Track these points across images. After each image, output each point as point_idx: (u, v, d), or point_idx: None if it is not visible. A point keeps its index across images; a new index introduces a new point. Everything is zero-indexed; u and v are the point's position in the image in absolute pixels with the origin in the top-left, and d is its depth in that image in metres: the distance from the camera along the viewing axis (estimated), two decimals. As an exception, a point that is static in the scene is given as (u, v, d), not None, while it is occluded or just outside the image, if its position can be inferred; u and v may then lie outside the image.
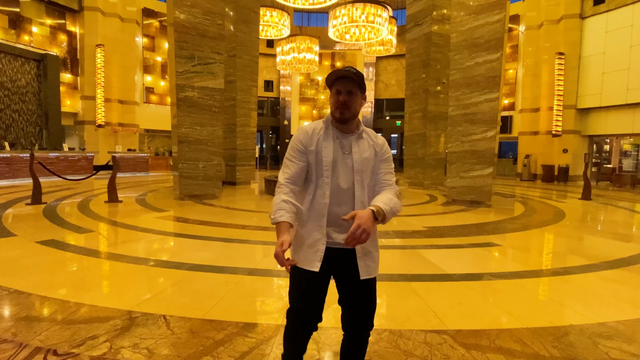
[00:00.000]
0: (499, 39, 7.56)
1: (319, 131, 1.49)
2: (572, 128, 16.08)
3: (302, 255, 1.45)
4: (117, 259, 3.71)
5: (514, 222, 6.31)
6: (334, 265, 1.45)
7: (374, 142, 1.52)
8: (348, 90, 1.43)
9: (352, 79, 1.42)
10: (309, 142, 1.47)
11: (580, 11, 15.72)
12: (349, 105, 1.43)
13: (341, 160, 1.45)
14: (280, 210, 1.36)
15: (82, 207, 6.91)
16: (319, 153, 1.45)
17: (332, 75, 1.44)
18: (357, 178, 1.44)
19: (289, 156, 1.49)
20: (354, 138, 1.49)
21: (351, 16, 13.22)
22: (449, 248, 4.42)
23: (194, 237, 4.68)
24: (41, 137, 15.49)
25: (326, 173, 1.43)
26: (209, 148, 8.14)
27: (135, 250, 4.14)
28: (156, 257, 3.84)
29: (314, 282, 1.44)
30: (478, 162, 7.83)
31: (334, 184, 1.43)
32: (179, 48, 7.67)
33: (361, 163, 1.45)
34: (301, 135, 1.49)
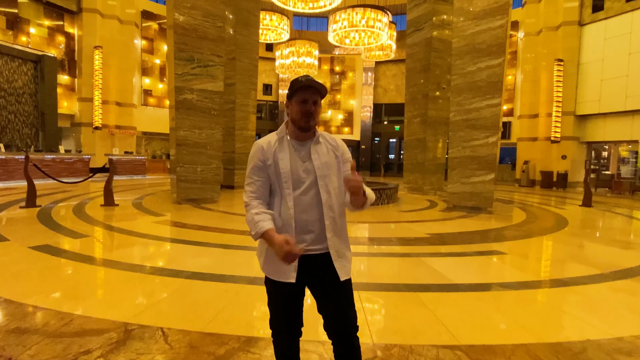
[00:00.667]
0: (501, 45, 7.52)
1: (274, 143, 1.48)
2: (571, 134, 16.10)
3: (275, 268, 1.45)
4: (112, 266, 3.58)
5: (517, 229, 6.23)
6: (308, 273, 1.45)
7: (332, 146, 1.53)
8: (314, 100, 1.45)
9: (317, 89, 1.44)
10: (266, 157, 1.46)
11: (579, 18, 15.79)
12: (315, 114, 1.46)
13: (301, 168, 1.45)
14: (258, 223, 1.36)
15: (77, 210, 6.76)
16: (277, 165, 1.44)
17: (296, 83, 1.45)
18: (320, 183, 1.44)
19: (249, 174, 1.49)
20: (311, 144, 1.49)
21: (351, 21, 13.21)
22: (453, 256, 4.32)
23: (191, 243, 4.56)
24: (37, 138, 15.31)
25: (286, 184, 1.43)
26: (207, 151, 8.03)
27: (131, 256, 4.01)
28: (153, 263, 3.72)
29: (290, 292, 1.46)
30: (479, 167, 7.76)
31: (297, 193, 1.43)
32: (178, 50, 7.57)
33: (322, 168, 1.46)
34: (257, 152, 1.48)
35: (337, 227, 1.47)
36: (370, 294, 3.05)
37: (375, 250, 4.50)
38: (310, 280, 1.48)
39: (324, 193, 1.44)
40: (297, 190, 1.43)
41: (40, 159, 12.70)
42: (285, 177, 1.43)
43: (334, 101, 24.50)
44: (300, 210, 1.42)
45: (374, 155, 24.64)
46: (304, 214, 1.43)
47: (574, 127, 16.13)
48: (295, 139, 1.50)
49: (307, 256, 1.43)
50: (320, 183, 1.44)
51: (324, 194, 1.44)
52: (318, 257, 1.45)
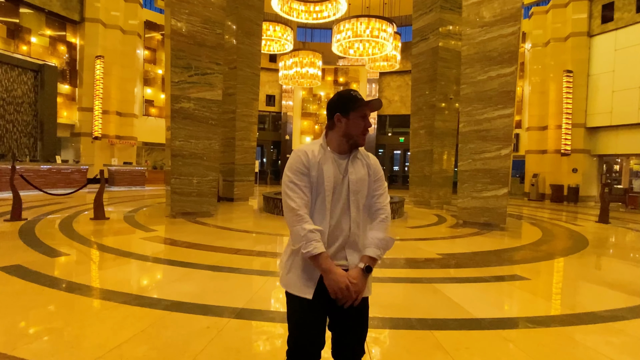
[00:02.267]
0: (513, 52, 7.15)
1: (318, 154, 1.45)
2: (582, 147, 15.63)
3: (295, 281, 1.42)
4: (82, 292, 3.15)
5: (535, 249, 5.74)
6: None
7: (367, 162, 1.52)
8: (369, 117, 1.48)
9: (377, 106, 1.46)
10: (311, 166, 1.42)
11: (588, 29, 15.47)
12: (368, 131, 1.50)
13: (340, 182, 1.44)
14: (311, 242, 1.33)
15: (63, 225, 6.36)
16: (320, 176, 1.42)
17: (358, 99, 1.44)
18: (352, 199, 1.43)
19: (294, 179, 1.41)
20: (349, 159, 1.47)
21: (355, 31, 12.93)
22: (470, 282, 3.85)
23: (178, 264, 4.12)
24: (35, 148, 15.07)
25: (328, 198, 1.40)
26: (204, 162, 7.64)
27: (107, 280, 3.58)
28: (129, 290, 3.28)
29: (310, 308, 1.40)
30: (491, 181, 7.31)
31: (333, 208, 1.42)
32: (175, 57, 7.26)
33: (357, 184, 1.44)
34: (302, 157, 1.43)
35: (360, 245, 1.45)
36: (378, 332, 2.59)
37: (381, 274, 4.04)
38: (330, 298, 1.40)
39: (354, 209, 1.43)
40: (334, 202, 1.42)
41: (36, 169, 12.40)
42: (329, 189, 1.40)
43: (338, 112, 24.20)
44: (333, 223, 1.41)
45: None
46: (335, 227, 1.41)
47: (585, 139, 15.66)
48: (337, 152, 1.48)
49: None
50: (352, 198, 1.43)
51: (354, 210, 1.43)
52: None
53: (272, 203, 8.88)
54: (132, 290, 3.26)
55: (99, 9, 16.01)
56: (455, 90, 11.14)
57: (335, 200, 1.42)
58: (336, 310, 1.42)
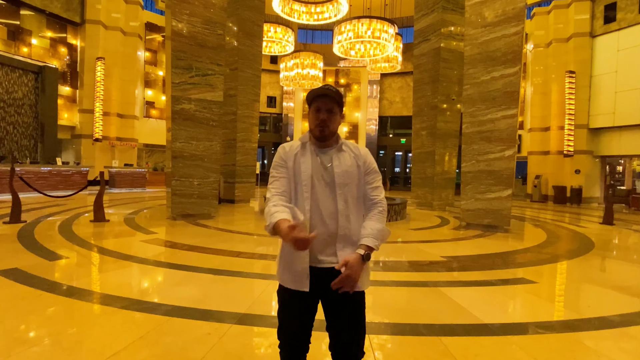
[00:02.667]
0: (517, 52, 7.08)
1: (296, 148, 1.47)
2: (584, 148, 15.53)
3: (288, 276, 1.42)
4: (81, 297, 3.08)
5: (540, 251, 5.65)
6: (321, 285, 1.37)
7: (355, 154, 1.48)
8: (328, 108, 1.42)
9: (332, 97, 1.42)
10: (288, 158, 1.45)
11: (590, 30, 15.40)
12: (329, 123, 1.42)
13: (321, 175, 1.41)
14: (274, 214, 1.29)
15: (63, 227, 6.30)
16: (297, 168, 1.42)
17: (312, 92, 1.44)
18: (338, 192, 1.39)
19: (273, 173, 1.46)
20: (333, 151, 1.45)
21: (357, 32, 12.87)
22: (476, 285, 3.77)
23: (178, 267, 4.05)
24: (36, 150, 15.03)
25: (305, 188, 1.38)
26: (205, 164, 7.58)
27: (106, 284, 3.51)
28: (129, 294, 3.21)
29: (302, 302, 1.41)
30: (495, 183, 7.23)
31: (314, 200, 1.38)
32: (176, 58, 7.21)
33: (342, 176, 1.40)
34: (280, 152, 1.48)
35: (351, 238, 1.40)
36: (383, 339, 2.52)
37: (385, 277, 3.97)
38: (322, 294, 1.41)
39: (342, 203, 1.39)
40: (315, 197, 1.39)
41: (37, 171, 12.35)
42: (305, 181, 1.39)
43: (339, 114, 24.14)
44: (316, 216, 1.38)
45: (380, 169, 24.10)
46: (318, 220, 1.38)
47: (588, 140, 15.57)
48: (317, 146, 1.47)
49: (320, 269, 1.38)
50: (339, 192, 1.39)
51: (342, 203, 1.38)
52: (331, 271, 1.35)
53: (274, 205, 8.80)
54: (131, 295, 3.19)
55: (99, 10, 16.00)
56: (458, 91, 11.07)
57: (319, 192, 1.39)
58: (330, 306, 1.41)
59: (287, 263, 1.41)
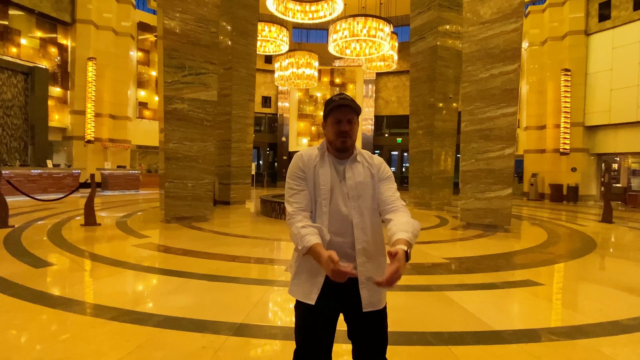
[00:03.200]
0: (516, 49, 6.99)
1: (315, 158, 1.42)
2: (580, 146, 15.52)
3: (299, 287, 1.39)
4: (67, 308, 2.90)
5: (542, 251, 5.55)
6: (338, 298, 1.36)
7: (369, 164, 1.45)
8: (348, 119, 1.39)
9: (352, 107, 1.38)
10: (307, 168, 1.40)
11: (585, 28, 15.41)
12: (351, 134, 1.40)
13: (338, 187, 1.38)
14: (305, 237, 1.25)
15: (52, 232, 6.09)
16: (317, 180, 1.38)
17: (331, 103, 1.39)
18: (352, 205, 1.36)
19: (292, 184, 1.40)
20: (347, 163, 1.42)
21: (352, 30, 12.73)
22: (482, 289, 3.64)
23: (172, 274, 3.88)
24: (26, 153, 14.71)
25: (324, 202, 1.36)
26: (199, 165, 7.40)
27: (94, 293, 3.33)
28: (119, 304, 3.03)
29: (317, 317, 1.35)
30: (495, 182, 7.13)
31: (332, 213, 1.36)
32: (168, 57, 7.02)
33: (356, 188, 1.38)
34: (299, 162, 1.42)
35: (371, 252, 1.37)
36: (390, 349, 2.37)
37: (388, 280, 3.82)
38: (341, 305, 1.38)
39: (357, 215, 1.36)
40: (334, 209, 1.36)
41: (27, 173, 12.08)
42: (325, 194, 1.36)
43: (334, 114, 23.98)
44: (334, 231, 1.35)
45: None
46: (337, 236, 1.35)
47: (584, 138, 15.56)
48: (335, 156, 1.44)
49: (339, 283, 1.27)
50: (353, 204, 1.37)
51: (357, 216, 1.36)
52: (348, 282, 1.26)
53: (270, 206, 8.64)
54: (121, 305, 3.01)
55: (90, 10, 15.71)
56: (455, 89, 10.98)
57: (335, 205, 1.36)
58: (351, 318, 1.39)
59: (302, 274, 1.38)
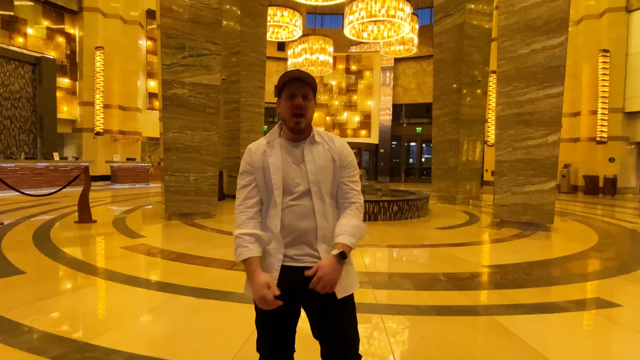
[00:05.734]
0: (563, 20, 6.01)
1: (264, 147, 1.29)
2: (619, 134, 14.23)
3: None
4: (7, 338, 2.25)
5: (600, 256, 4.66)
6: (299, 289, 1.20)
7: (330, 147, 1.30)
8: (303, 94, 1.23)
9: (305, 81, 1.24)
10: (255, 160, 1.27)
11: (626, 4, 14.00)
12: (305, 111, 1.24)
13: (293, 172, 1.24)
14: (240, 247, 1.18)
15: (41, 231, 5.54)
16: (266, 169, 1.25)
17: (283, 77, 1.26)
18: (314, 189, 1.23)
19: (239, 180, 1.31)
20: (305, 145, 1.28)
21: (369, 10, 11.82)
22: (542, 312, 2.83)
23: (156, 287, 3.22)
24: (35, 145, 14.45)
25: (277, 191, 1.23)
26: (202, 156, 6.74)
27: (50, 316, 2.68)
28: (73, 333, 2.37)
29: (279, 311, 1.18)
30: (536, 173, 6.22)
31: (288, 200, 1.23)
32: (166, 36, 6.33)
33: (316, 172, 1.24)
34: (246, 156, 1.31)
35: (331, 239, 1.24)
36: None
37: (416, 298, 3.06)
38: (303, 299, 1.24)
39: (318, 201, 1.24)
40: (288, 197, 1.23)
41: (32, 167, 11.74)
42: (277, 183, 1.23)
43: (350, 102, 23.08)
44: (292, 219, 1.22)
45: (393, 160, 23.04)
46: (295, 223, 1.22)
47: (623, 125, 14.26)
48: (289, 139, 1.29)
49: (297, 269, 1.22)
50: (314, 189, 1.24)
51: (318, 201, 1.24)
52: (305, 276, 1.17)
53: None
54: (75, 335, 2.35)
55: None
56: (484, 71, 9.98)
57: (290, 193, 1.23)
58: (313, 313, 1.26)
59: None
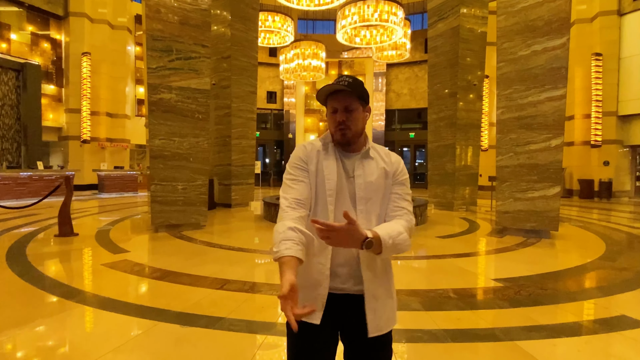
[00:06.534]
0: (564, 20, 5.83)
1: (319, 147, 1.18)
2: (614, 137, 14.20)
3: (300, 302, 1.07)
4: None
5: (612, 266, 4.42)
6: (339, 316, 1.13)
7: (384, 162, 1.19)
8: (345, 106, 1.14)
9: (348, 92, 1.12)
10: (309, 159, 1.16)
11: (618, 7, 14.05)
12: (349, 124, 1.14)
13: (344, 185, 1.14)
14: (285, 242, 1.00)
15: (16, 245, 5.15)
16: (320, 174, 1.14)
17: (324, 90, 1.14)
18: (360, 208, 1.12)
19: (288, 176, 1.16)
20: (357, 158, 1.17)
21: (362, 15, 11.65)
22: (566, 334, 2.54)
23: (135, 312, 2.87)
24: (19, 154, 13.94)
25: (330, 199, 1.12)
26: (190, 164, 6.40)
27: (10, 351, 2.34)
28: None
29: (315, 337, 1.10)
30: (539, 179, 5.99)
31: (338, 214, 1.11)
32: (152, 38, 6.02)
33: (365, 189, 1.14)
34: (300, 152, 1.19)
35: (377, 265, 1.13)
36: None
37: (430, 321, 2.76)
38: (341, 324, 1.15)
39: (363, 220, 1.11)
40: (339, 210, 1.11)
41: (15, 176, 11.26)
42: (330, 190, 1.12)
43: (343, 108, 22.89)
44: None
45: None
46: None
47: (617, 129, 14.24)
48: (341, 149, 1.19)
49: (338, 295, 1.12)
50: (360, 208, 1.12)
51: (363, 221, 1.10)
52: (352, 299, 1.12)
53: (274, 209, 7.62)
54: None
55: (84, 2, 14.86)
56: (480, 75, 9.83)
57: (340, 205, 1.11)
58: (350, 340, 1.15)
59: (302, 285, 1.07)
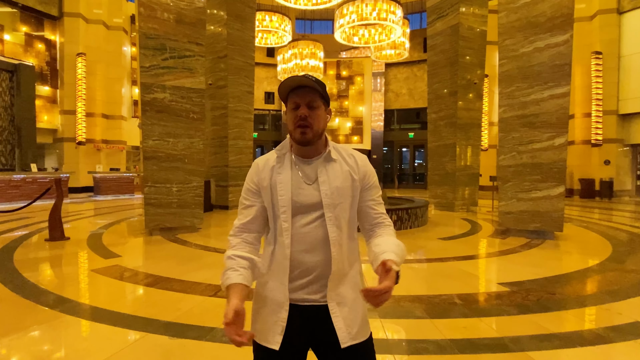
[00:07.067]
0: (567, 16, 5.69)
1: (273, 162, 1.10)
2: (614, 136, 14.11)
3: (260, 326, 1.06)
4: None
5: (620, 268, 4.27)
6: (307, 330, 1.05)
7: (349, 165, 1.10)
8: (308, 102, 1.05)
9: (312, 88, 1.04)
10: (261, 178, 1.09)
11: (618, 6, 13.96)
12: (311, 122, 1.04)
13: (305, 194, 1.05)
14: (226, 272, 1.01)
15: (4, 251, 4.97)
16: (274, 189, 1.06)
17: (286, 85, 1.05)
18: (328, 215, 1.03)
19: (241, 199, 1.13)
20: (320, 162, 1.08)
21: (360, 14, 11.53)
22: (583, 345, 2.39)
23: (123, 322, 2.70)
24: (13, 156, 13.73)
25: (284, 216, 1.04)
26: (185, 166, 6.23)
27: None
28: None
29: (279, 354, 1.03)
30: (543, 179, 5.85)
31: (298, 225, 1.04)
32: (145, 36, 5.86)
33: (332, 195, 1.05)
34: (252, 172, 1.12)
35: (346, 273, 1.06)
36: None
37: (435, 331, 2.61)
38: (311, 338, 1.06)
39: (333, 228, 1.03)
40: (298, 222, 1.04)
41: (8, 179, 11.07)
42: (284, 206, 1.04)
43: (342, 108, 22.76)
44: (301, 248, 1.03)
45: (385, 165, 22.72)
46: (305, 253, 1.03)
47: (617, 127, 14.14)
48: (300, 155, 1.10)
49: (305, 308, 1.04)
50: (329, 215, 1.03)
51: (333, 229, 1.03)
52: (320, 310, 1.04)
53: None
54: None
55: (79, 2, 14.69)
56: (480, 74, 9.70)
57: (300, 218, 1.04)
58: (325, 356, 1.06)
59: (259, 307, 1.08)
